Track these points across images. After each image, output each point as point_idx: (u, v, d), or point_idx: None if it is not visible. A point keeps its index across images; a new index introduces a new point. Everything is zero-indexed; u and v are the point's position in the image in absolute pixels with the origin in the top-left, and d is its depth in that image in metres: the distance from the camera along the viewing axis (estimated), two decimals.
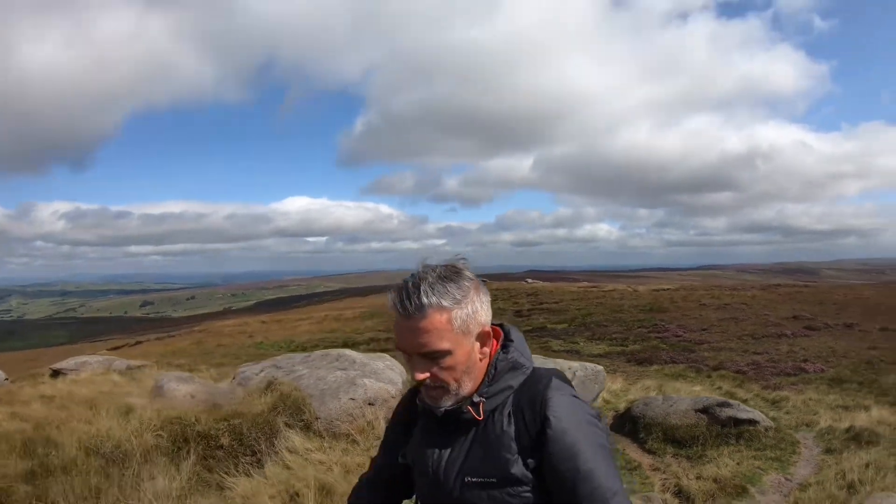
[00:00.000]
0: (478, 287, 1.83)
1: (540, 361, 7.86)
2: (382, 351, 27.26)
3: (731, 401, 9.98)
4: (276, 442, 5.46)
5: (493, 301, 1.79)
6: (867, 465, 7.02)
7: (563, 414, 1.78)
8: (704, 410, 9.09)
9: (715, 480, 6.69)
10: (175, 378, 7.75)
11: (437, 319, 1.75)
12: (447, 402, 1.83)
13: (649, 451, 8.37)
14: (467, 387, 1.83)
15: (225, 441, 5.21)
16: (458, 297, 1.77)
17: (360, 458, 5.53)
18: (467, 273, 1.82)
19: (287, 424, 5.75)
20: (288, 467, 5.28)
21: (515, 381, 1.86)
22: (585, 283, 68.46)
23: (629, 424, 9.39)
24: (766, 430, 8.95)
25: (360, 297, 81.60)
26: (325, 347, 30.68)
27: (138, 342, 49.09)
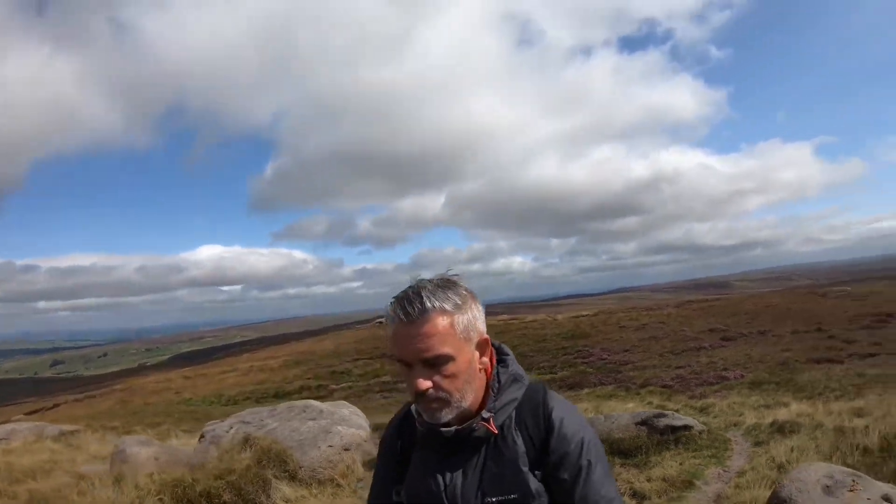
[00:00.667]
0: (474, 296, 1.85)
1: None
2: (319, 398, 27.17)
3: (666, 411, 10.82)
4: (270, 493, 5.76)
5: None
6: (792, 450, 7.97)
7: (567, 421, 1.85)
8: (643, 423, 9.86)
9: (664, 479, 7.43)
10: (136, 442, 7.78)
11: (439, 323, 1.80)
12: (447, 416, 1.83)
13: None
14: (468, 399, 1.83)
15: (227, 497, 5.44)
16: (459, 302, 1.82)
17: (350, 500, 5.92)
18: (462, 283, 1.85)
19: (275, 476, 6.04)
20: None
21: (518, 393, 1.86)
22: (505, 316, 69.48)
23: None
24: (700, 433, 9.79)
25: (279, 344, 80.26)
26: (257, 399, 30.36)
27: (56, 405, 46.85)
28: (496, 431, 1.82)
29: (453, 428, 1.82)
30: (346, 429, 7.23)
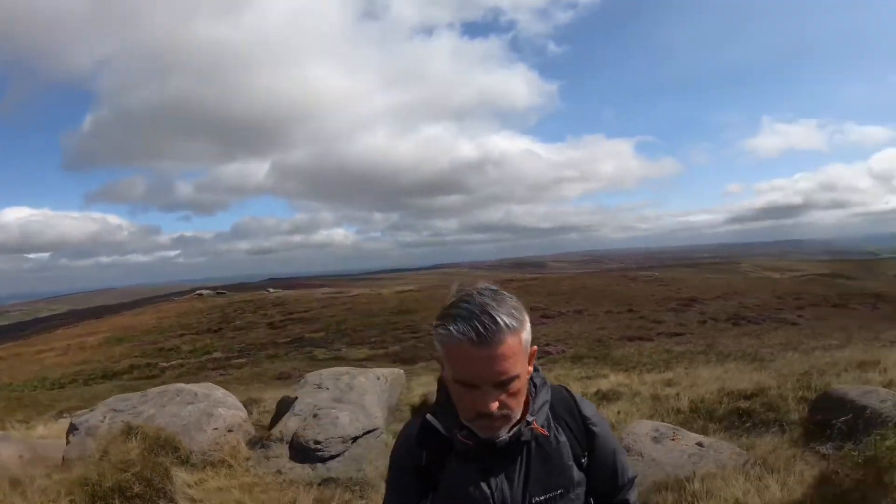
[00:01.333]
0: (523, 307, 1.80)
1: (335, 371, 8.93)
2: (150, 377, 26.10)
3: None
4: (173, 480, 5.87)
5: (242, 314, 2.14)
6: (618, 412, 9.51)
7: (594, 414, 1.97)
8: None
9: None
10: None
11: (513, 344, 1.70)
12: (506, 433, 1.79)
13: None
14: (520, 410, 1.82)
15: (138, 489, 5.47)
16: (520, 318, 1.74)
17: (246, 478, 6.20)
18: (506, 293, 1.79)
19: (171, 463, 6.14)
20: (198, 500, 5.77)
21: (548, 394, 1.91)
22: (328, 290, 69.71)
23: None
24: None
25: (95, 319, 74.95)
26: (85, 382, 28.70)
27: None
28: (547, 434, 1.86)
29: (506, 437, 1.77)
30: (226, 410, 7.43)
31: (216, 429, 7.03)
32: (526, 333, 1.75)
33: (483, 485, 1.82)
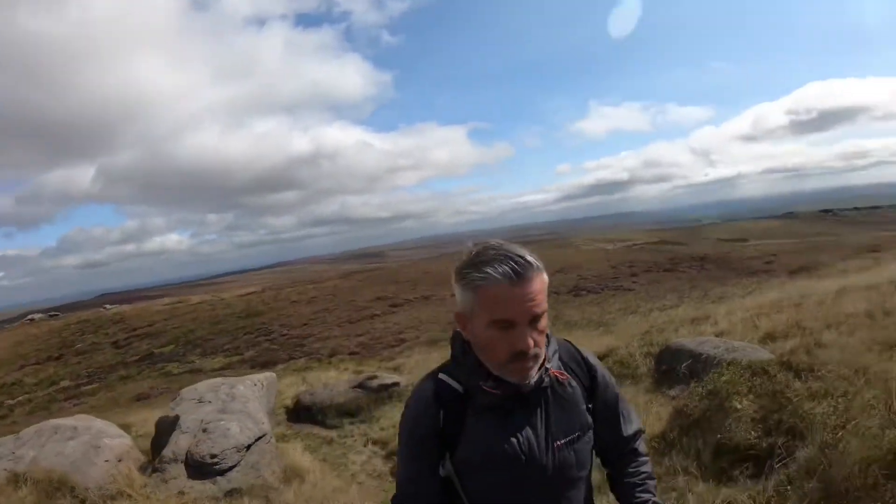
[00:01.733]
0: None
1: (210, 383, 8.91)
2: None
3: (377, 373, 12.45)
4: None
5: (81, 336, 2.25)
6: None
7: (597, 362, 2.06)
8: (360, 386, 11.50)
9: (393, 426, 8.93)
10: None
11: (541, 281, 1.78)
12: (535, 374, 1.83)
13: (333, 427, 10.34)
14: (544, 351, 1.87)
15: None
16: (540, 260, 1.84)
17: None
18: None
19: None
20: None
21: (556, 343, 1.98)
22: (169, 299, 66.64)
23: (304, 413, 11.28)
24: (406, 387, 11.59)
25: None
26: None
27: None
28: (566, 377, 1.93)
29: (533, 381, 1.82)
30: (111, 440, 7.16)
31: (107, 460, 6.76)
32: (546, 275, 1.82)
33: (510, 435, 1.84)
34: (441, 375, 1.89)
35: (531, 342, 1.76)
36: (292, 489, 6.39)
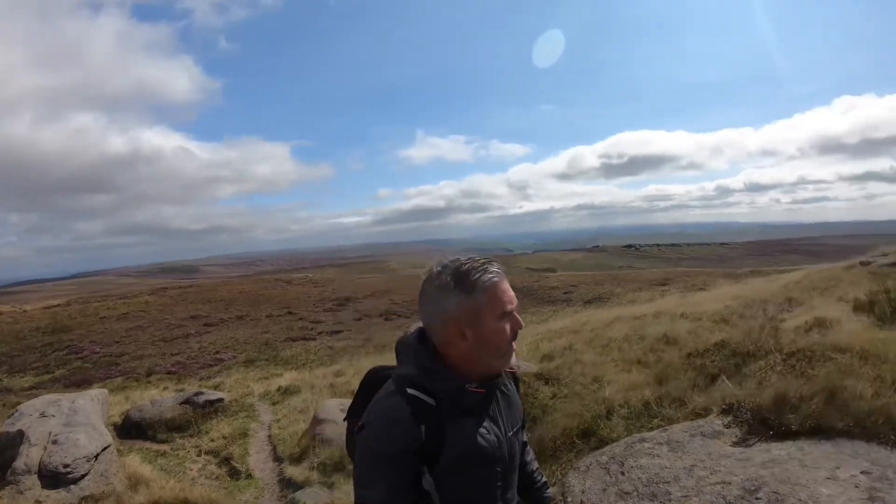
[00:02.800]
0: None
1: (48, 399, 9.56)
2: None
3: (202, 390, 13.65)
4: None
5: None
6: (303, 401, 12.01)
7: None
8: (187, 401, 12.58)
9: (224, 437, 10.37)
10: None
11: None
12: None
13: (164, 441, 11.22)
14: None
15: None
16: None
17: None
18: None
19: None
20: None
21: None
22: None
23: (134, 429, 12.08)
24: (230, 403, 12.94)
25: None
26: None
27: None
28: (515, 370, 2.11)
29: (510, 371, 2.04)
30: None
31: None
32: None
33: (486, 431, 1.93)
34: (410, 391, 1.87)
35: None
36: (141, 493, 7.13)
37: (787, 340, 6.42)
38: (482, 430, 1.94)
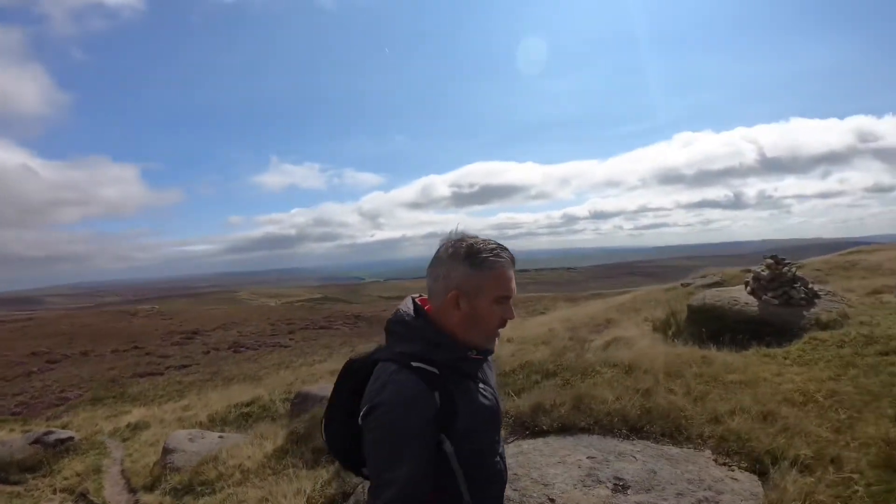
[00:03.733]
0: None
1: None
2: None
3: (52, 429, 13.60)
4: None
5: None
6: (153, 435, 12.25)
7: None
8: (37, 441, 12.61)
9: (77, 475, 10.60)
10: None
11: None
12: None
13: (16, 483, 11.09)
14: None
15: None
16: None
17: None
18: None
19: None
20: None
21: None
22: None
23: None
24: (81, 441, 13.05)
25: None
26: None
27: None
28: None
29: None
30: None
31: None
32: None
33: (488, 394, 2.09)
34: (415, 364, 1.96)
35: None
36: None
37: (581, 358, 7.70)
38: (485, 392, 2.11)
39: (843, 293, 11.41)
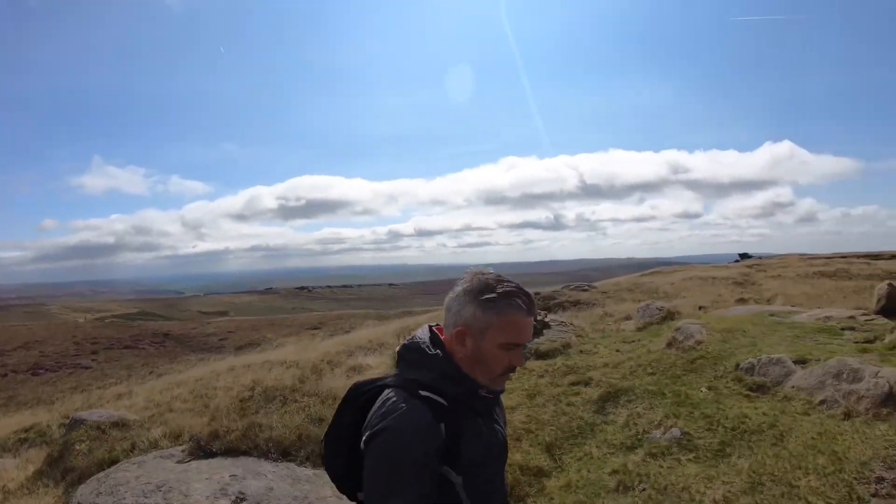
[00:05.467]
0: None
1: None
2: None
3: None
4: None
5: None
6: None
7: None
8: None
9: None
10: None
11: None
12: None
13: None
14: None
15: None
16: None
17: None
18: None
19: None
20: None
21: None
22: None
23: None
24: None
25: None
26: None
27: None
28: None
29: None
30: None
31: None
32: None
33: (495, 430, 2.12)
34: (424, 393, 1.95)
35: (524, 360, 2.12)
36: None
37: (308, 384, 8.80)
38: (493, 430, 2.09)
39: (578, 321, 13.11)
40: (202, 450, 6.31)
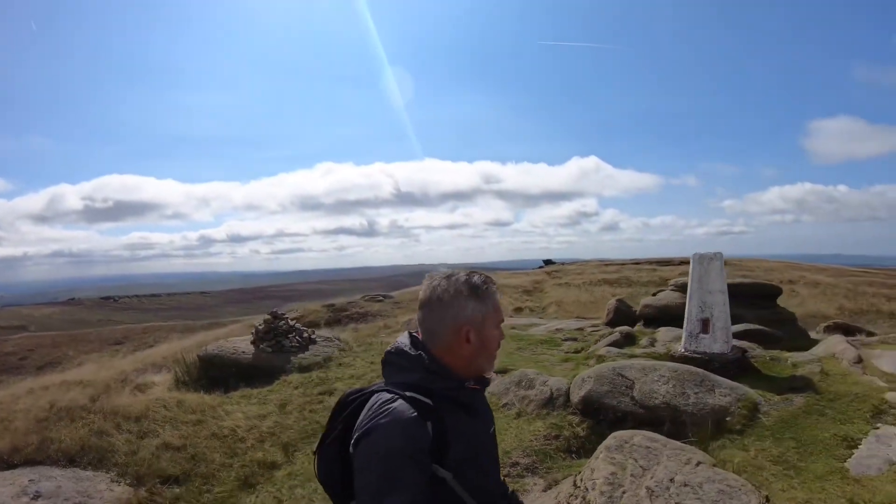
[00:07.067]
0: None
1: None
2: None
3: None
4: None
5: None
6: None
7: None
8: None
9: None
10: None
11: None
12: None
13: None
14: None
15: None
16: None
17: None
18: None
19: None
20: None
21: None
22: None
23: None
24: None
25: None
26: None
27: None
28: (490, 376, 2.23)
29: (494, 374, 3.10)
30: None
31: None
32: None
33: (481, 423, 2.24)
34: (409, 394, 2.02)
35: None
36: None
37: (103, 402, 9.98)
38: (480, 424, 2.22)
39: (345, 336, 14.72)
40: (4, 462, 7.82)
